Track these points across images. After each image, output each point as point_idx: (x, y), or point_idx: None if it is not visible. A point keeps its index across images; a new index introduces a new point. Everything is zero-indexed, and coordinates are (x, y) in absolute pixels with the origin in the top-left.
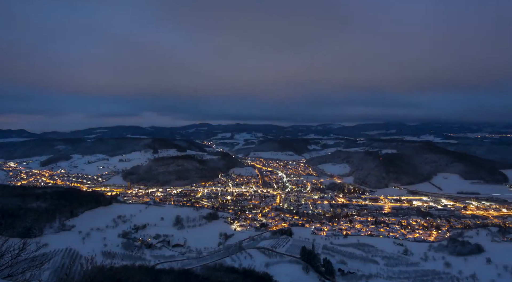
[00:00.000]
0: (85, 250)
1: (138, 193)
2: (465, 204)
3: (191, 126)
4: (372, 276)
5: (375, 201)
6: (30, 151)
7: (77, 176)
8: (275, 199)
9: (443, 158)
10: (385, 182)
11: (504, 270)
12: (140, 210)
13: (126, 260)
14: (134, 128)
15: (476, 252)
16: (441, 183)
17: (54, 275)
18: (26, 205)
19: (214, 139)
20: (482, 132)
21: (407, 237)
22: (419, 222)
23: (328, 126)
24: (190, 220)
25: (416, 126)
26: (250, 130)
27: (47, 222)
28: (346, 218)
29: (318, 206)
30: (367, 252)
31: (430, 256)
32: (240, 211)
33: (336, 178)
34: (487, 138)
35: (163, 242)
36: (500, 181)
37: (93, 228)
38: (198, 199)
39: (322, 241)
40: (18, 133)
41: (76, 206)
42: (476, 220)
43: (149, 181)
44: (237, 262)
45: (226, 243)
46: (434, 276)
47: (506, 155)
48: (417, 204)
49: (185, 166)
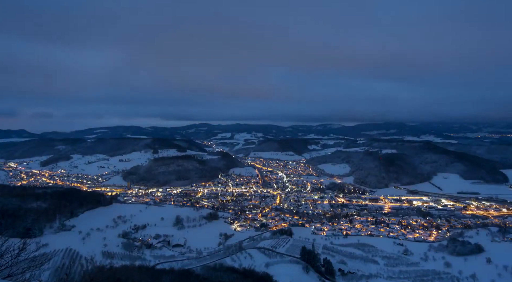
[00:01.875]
0: (85, 250)
1: (138, 193)
2: (465, 204)
3: (191, 126)
4: (372, 276)
5: (375, 201)
6: (30, 151)
7: (77, 176)
8: (275, 199)
9: (443, 158)
10: (385, 182)
11: (504, 270)
12: (140, 210)
13: (126, 260)
14: (134, 128)
15: (476, 252)
16: (441, 183)
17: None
18: (26, 205)
19: (214, 139)
20: (482, 132)
21: (407, 237)
22: (419, 222)
23: (328, 126)
24: (190, 220)
25: (416, 126)
26: (250, 130)
27: (47, 222)
28: (346, 218)
29: (318, 206)
30: (367, 252)
31: (430, 256)
32: (240, 211)
33: (336, 178)
34: (487, 138)
35: (163, 242)
36: (500, 181)
37: (93, 228)
38: (198, 199)
39: (322, 241)
40: (18, 133)
41: (76, 206)
42: (476, 220)
43: (149, 181)
44: (237, 262)
45: (226, 243)
46: (434, 276)
47: (506, 155)
48: (417, 204)
49: (185, 166)
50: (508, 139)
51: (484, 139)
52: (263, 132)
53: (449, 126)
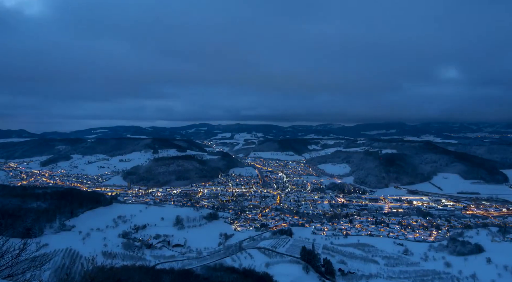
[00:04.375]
0: (85, 250)
1: (138, 193)
2: (465, 204)
3: (191, 126)
4: (372, 276)
5: (375, 201)
6: (30, 151)
7: (77, 176)
8: (275, 199)
9: (443, 158)
10: (385, 182)
11: (504, 270)
12: (140, 210)
13: (126, 260)
14: (134, 128)
15: (476, 252)
16: (441, 183)
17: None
18: (26, 205)
19: (214, 139)
20: (482, 132)
21: (407, 237)
22: (419, 222)
23: (328, 126)
24: (190, 220)
25: (416, 126)
26: (250, 130)
27: (47, 222)
28: (346, 218)
29: (318, 206)
30: (367, 252)
31: (430, 256)
32: (240, 211)
33: (336, 178)
34: (487, 138)
35: (163, 242)
36: (500, 181)
37: (93, 228)
38: (198, 199)
39: (322, 241)
40: (18, 133)
41: (76, 206)
42: (476, 220)
43: (149, 181)
44: (237, 262)
45: (226, 243)
46: (434, 276)
47: (506, 155)
48: (417, 204)
49: (185, 166)
50: (508, 139)
51: (484, 139)
52: (263, 132)
53: (449, 126)
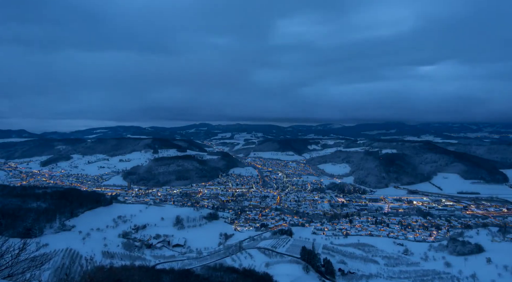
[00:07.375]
0: (85, 250)
1: (138, 193)
2: (465, 204)
3: (191, 126)
4: (372, 276)
5: (375, 201)
6: (30, 151)
7: (77, 176)
8: (275, 199)
9: (443, 158)
10: (385, 182)
11: (504, 270)
12: (140, 210)
13: (126, 260)
14: (134, 128)
15: (476, 252)
16: (441, 183)
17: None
18: (26, 205)
19: (214, 139)
20: (482, 132)
21: (407, 237)
22: (419, 222)
23: (328, 126)
24: (190, 220)
25: (416, 126)
26: (250, 130)
27: (47, 222)
28: (346, 218)
29: (318, 206)
30: (367, 252)
31: (430, 256)
32: (240, 211)
33: (336, 178)
34: (487, 138)
35: (163, 242)
36: (500, 181)
37: (93, 228)
38: (199, 199)
39: (322, 241)
40: (18, 133)
41: (76, 206)
42: (476, 220)
43: (149, 181)
44: (237, 262)
45: (226, 243)
46: (434, 276)
47: (506, 155)
48: (417, 204)
49: (185, 166)
50: (508, 139)
51: (484, 139)
52: (263, 132)
53: (449, 126)
